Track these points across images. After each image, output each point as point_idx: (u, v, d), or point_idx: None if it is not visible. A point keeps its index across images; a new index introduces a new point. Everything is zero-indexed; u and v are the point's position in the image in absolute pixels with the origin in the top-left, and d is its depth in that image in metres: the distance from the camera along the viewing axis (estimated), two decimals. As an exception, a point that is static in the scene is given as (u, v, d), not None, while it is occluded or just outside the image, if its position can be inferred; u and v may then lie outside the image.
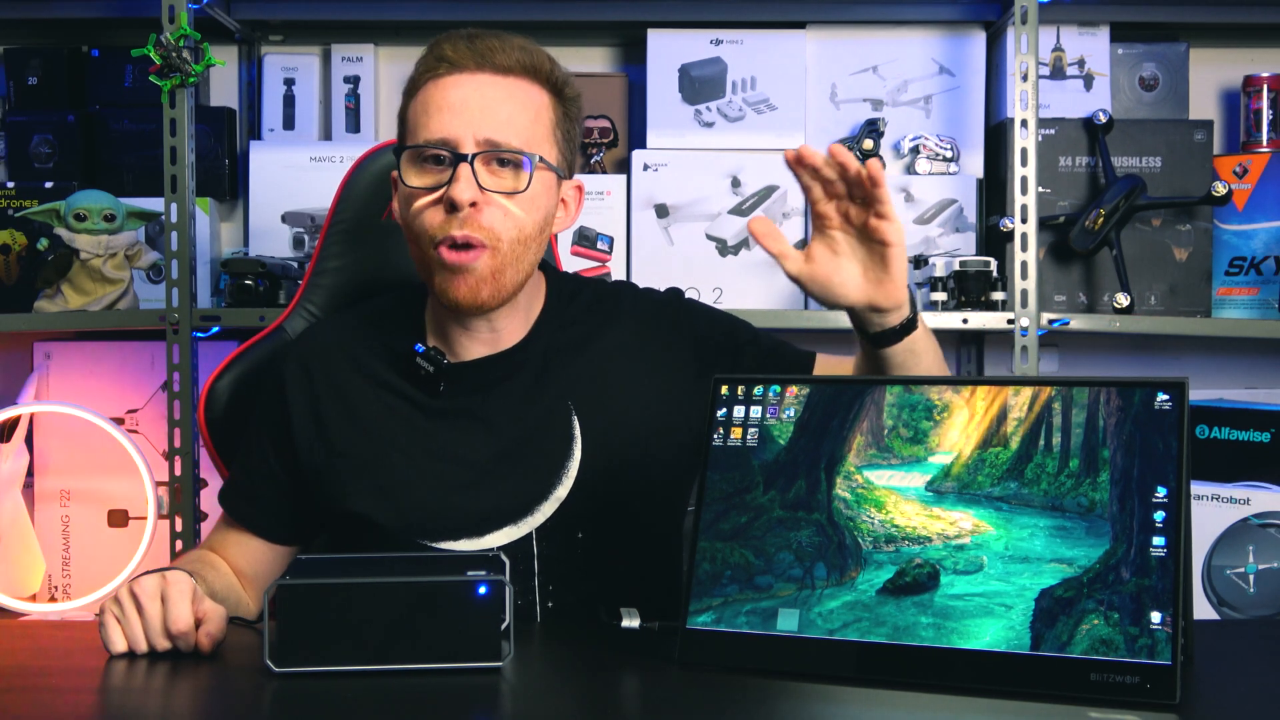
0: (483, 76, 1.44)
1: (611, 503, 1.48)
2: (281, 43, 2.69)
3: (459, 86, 1.43)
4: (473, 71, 1.44)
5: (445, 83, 1.44)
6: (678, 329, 1.56)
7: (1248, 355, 2.70)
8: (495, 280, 1.42)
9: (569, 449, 1.48)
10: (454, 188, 1.39)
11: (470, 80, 1.44)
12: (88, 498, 2.48)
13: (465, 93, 1.43)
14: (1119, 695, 1.03)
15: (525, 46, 1.46)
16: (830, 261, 1.34)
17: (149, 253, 2.38)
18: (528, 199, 1.43)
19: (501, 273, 1.42)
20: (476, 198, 1.40)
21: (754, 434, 1.25)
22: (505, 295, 1.44)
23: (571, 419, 1.49)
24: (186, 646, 1.23)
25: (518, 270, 1.44)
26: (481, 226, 1.40)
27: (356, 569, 1.20)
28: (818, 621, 1.14)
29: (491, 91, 1.43)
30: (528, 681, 1.14)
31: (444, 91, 1.43)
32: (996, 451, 1.16)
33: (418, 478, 1.47)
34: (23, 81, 2.60)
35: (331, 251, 1.75)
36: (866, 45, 2.54)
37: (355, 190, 1.75)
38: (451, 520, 1.46)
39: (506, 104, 1.43)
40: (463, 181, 1.39)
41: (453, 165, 1.40)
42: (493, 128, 1.41)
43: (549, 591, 1.47)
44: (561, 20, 2.58)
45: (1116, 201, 2.37)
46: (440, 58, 1.45)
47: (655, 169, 2.46)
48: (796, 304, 2.48)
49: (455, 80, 1.44)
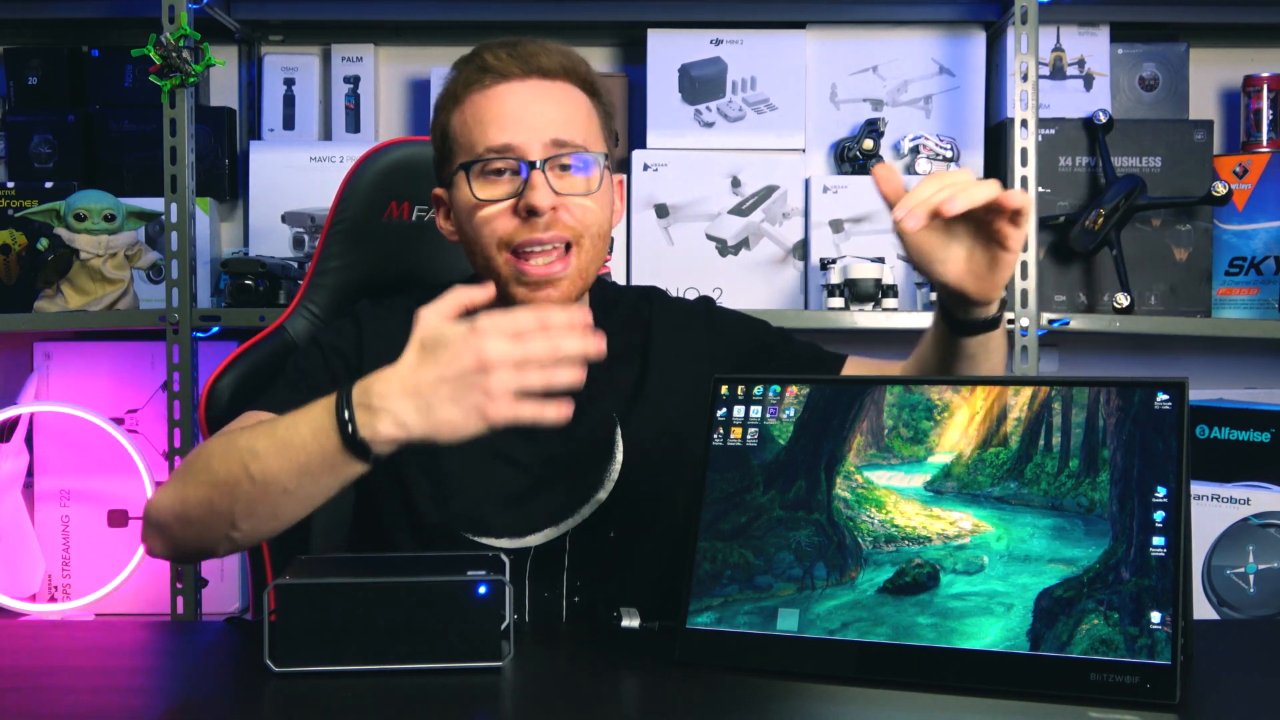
0: (532, 82, 1.43)
1: (646, 505, 1.49)
2: (281, 43, 2.69)
3: (512, 94, 1.43)
4: (521, 78, 1.43)
5: (495, 92, 1.43)
6: (711, 335, 1.58)
7: (1248, 355, 2.70)
8: (581, 278, 1.44)
9: (611, 455, 1.49)
10: (533, 195, 1.39)
11: (521, 87, 1.43)
12: (88, 498, 2.48)
13: (521, 99, 1.42)
14: (1119, 695, 1.03)
15: (562, 50, 1.46)
16: (940, 237, 1.29)
17: (149, 253, 2.38)
18: (599, 196, 1.44)
19: (585, 270, 1.45)
20: (556, 203, 1.41)
21: (754, 434, 1.25)
22: (582, 293, 1.46)
23: (615, 430, 1.50)
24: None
25: (595, 267, 1.46)
26: (568, 225, 1.41)
27: (356, 569, 1.20)
28: (818, 621, 1.14)
29: (545, 95, 1.43)
30: (527, 681, 1.14)
31: (496, 101, 1.43)
32: (996, 451, 1.16)
33: (468, 473, 1.47)
34: (23, 81, 2.60)
35: (332, 251, 1.75)
36: (866, 45, 2.54)
37: (356, 190, 1.75)
38: (498, 520, 1.46)
39: (563, 106, 1.44)
40: (540, 188, 1.39)
41: (522, 173, 1.41)
42: (556, 130, 1.41)
43: (576, 587, 1.47)
44: (561, 20, 2.58)
45: (1116, 201, 2.37)
46: (484, 68, 1.43)
47: (655, 169, 2.46)
48: (797, 304, 2.48)
49: (506, 89, 1.43)
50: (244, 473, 1.24)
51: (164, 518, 1.32)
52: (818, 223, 2.47)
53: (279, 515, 1.27)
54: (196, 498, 1.28)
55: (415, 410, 1.17)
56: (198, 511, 1.28)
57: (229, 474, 1.25)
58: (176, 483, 1.33)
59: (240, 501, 1.25)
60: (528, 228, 1.40)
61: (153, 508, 1.34)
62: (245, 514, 1.26)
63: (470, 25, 2.60)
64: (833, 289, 2.34)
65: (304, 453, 1.21)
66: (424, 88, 2.64)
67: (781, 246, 2.48)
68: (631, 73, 2.61)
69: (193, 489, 1.29)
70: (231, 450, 1.27)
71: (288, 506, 1.25)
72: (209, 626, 1.45)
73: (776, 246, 2.48)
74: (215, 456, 1.28)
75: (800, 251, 2.48)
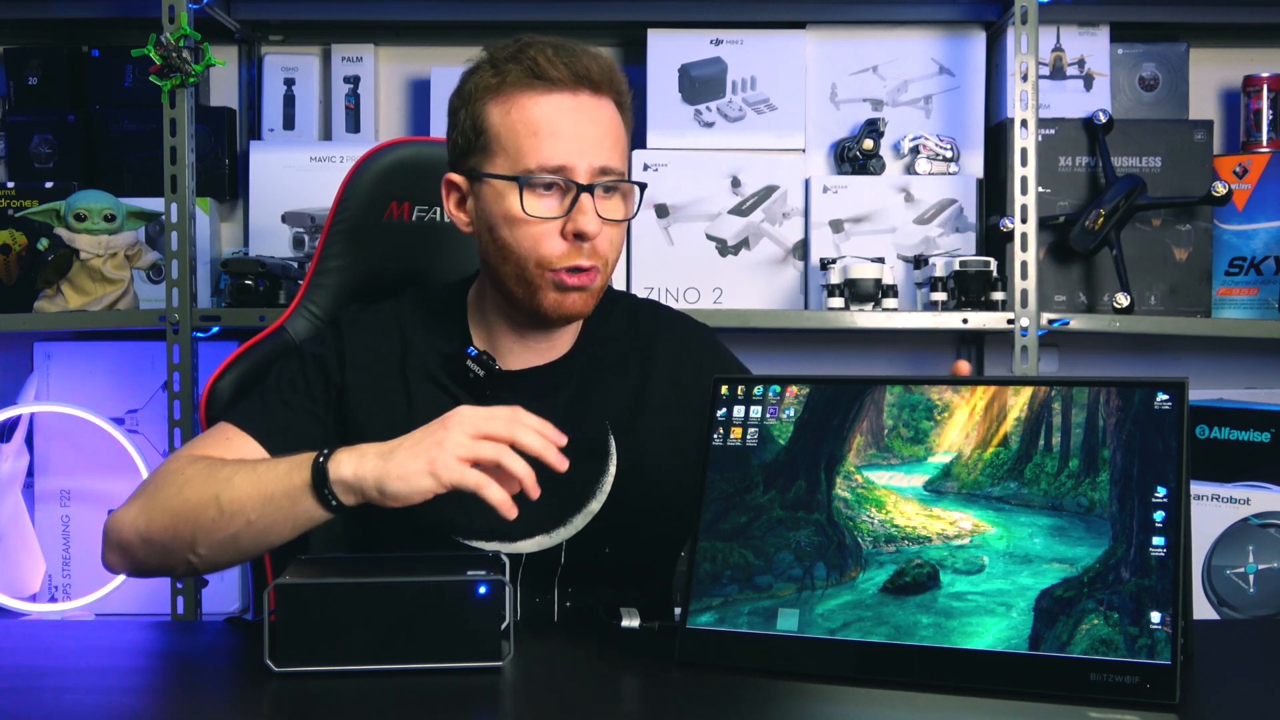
0: (582, 97, 1.44)
1: (640, 520, 1.50)
2: (281, 43, 2.69)
3: (564, 108, 1.43)
4: (572, 91, 1.43)
5: (548, 102, 1.43)
6: (713, 363, 1.60)
7: (1248, 355, 2.70)
8: (598, 295, 1.48)
9: (605, 466, 1.50)
10: (583, 220, 1.41)
11: (572, 102, 1.43)
12: (88, 498, 2.48)
13: (575, 118, 1.43)
14: (1119, 695, 1.03)
15: (599, 57, 1.46)
16: None
17: (149, 253, 2.38)
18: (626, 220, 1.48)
19: (604, 288, 1.49)
20: (601, 229, 1.43)
21: (754, 434, 1.25)
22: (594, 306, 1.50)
23: (609, 438, 1.51)
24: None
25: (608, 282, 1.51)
26: (599, 254, 1.45)
27: (356, 569, 1.20)
28: (818, 621, 1.14)
29: (593, 114, 1.44)
30: (527, 681, 1.14)
31: (550, 113, 1.43)
32: (996, 451, 1.16)
33: None
34: (23, 81, 2.60)
35: (332, 252, 1.75)
36: (866, 45, 2.54)
37: (356, 190, 1.75)
38: (487, 523, 1.46)
39: (610, 129, 1.45)
40: (590, 214, 1.42)
41: (570, 194, 1.42)
42: (604, 154, 1.43)
43: (568, 594, 1.48)
44: (561, 20, 2.58)
45: (1116, 201, 2.37)
46: (537, 73, 1.43)
47: (655, 169, 2.46)
48: (797, 304, 2.48)
49: (559, 101, 1.43)
50: (214, 499, 1.31)
51: (126, 535, 1.38)
52: (818, 223, 2.47)
53: (239, 545, 1.33)
54: (163, 520, 1.35)
55: (377, 454, 1.26)
56: (161, 533, 1.35)
57: (199, 498, 1.32)
58: (143, 500, 1.38)
59: (203, 528, 1.32)
60: (573, 251, 1.43)
61: (116, 524, 1.39)
62: (206, 539, 1.33)
63: (470, 25, 2.60)
64: (833, 289, 2.34)
65: (274, 483, 1.29)
66: (424, 88, 2.64)
67: (781, 246, 2.48)
68: (631, 73, 2.59)
69: (159, 510, 1.35)
70: (209, 477, 1.34)
71: (247, 537, 1.32)
72: (209, 626, 1.45)
73: (776, 246, 2.48)
74: (192, 482, 1.34)
75: (800, 251, 2.48)
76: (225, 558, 1.35)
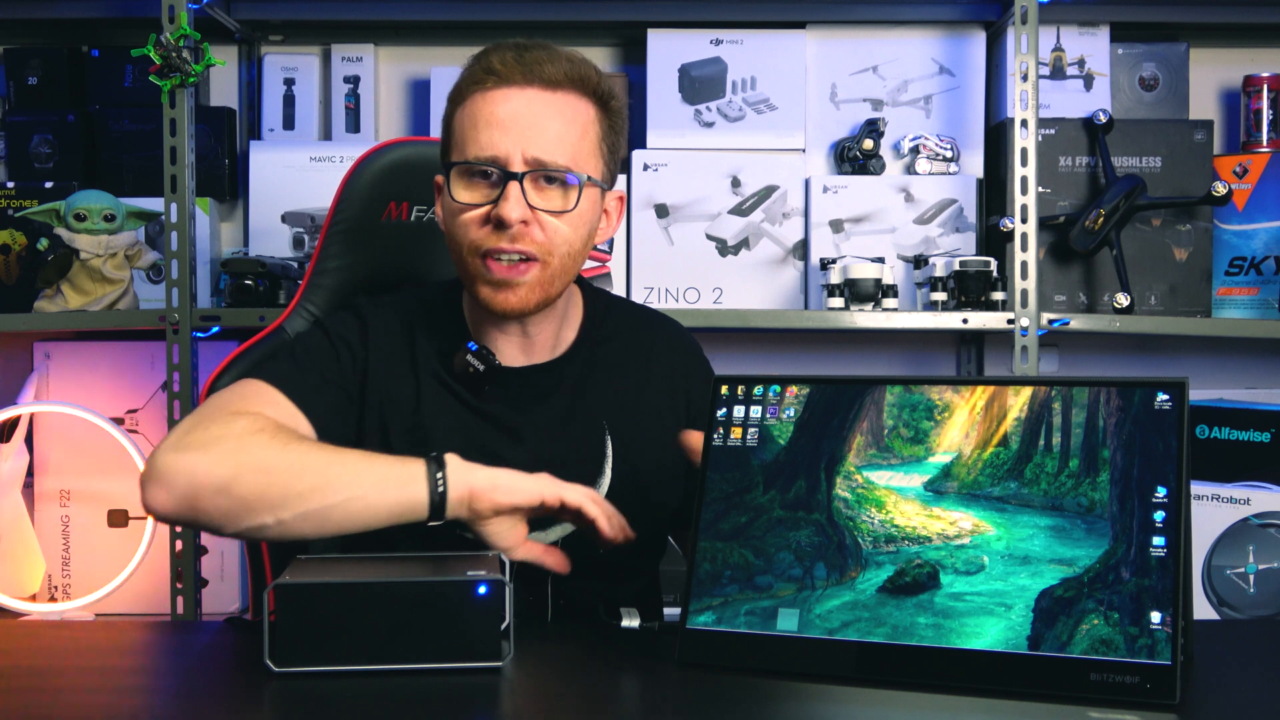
0: (531, 91, 1.43)
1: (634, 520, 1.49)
2: (281, 43, 2.69)
3: (507, 101, 1.43)
4: (521, 86, 1.43)
5: (493, 97, 1.43)
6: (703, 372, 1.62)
7: (1248, 355, 2.70)
8: (544, 289, 1.45)
9: (601, 466, 1.51)
10: (503, 206, 1.41)
11: (519, 95, 1.43)
12: (88, 498, 2.48)
13: (514, 108, 1.43)
14: (1119, 695, 1.03)
15: (572, 58, 1.46)
16: None
17: (149, 253, 2.38)
18: (575, 215, 1.45)
19: (550, 284, 1.46)
20: (526, 216, 1.42)
21: (754, 434, 1.25)
22: (549, 302, 1.48)
23: (605, 439, 1.52)
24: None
25: (564, 281, 1.48)
26: (534, 241, 1.43)
27: (356, 569, 1.20)
28: (817, 621, 1.14)
29: (540, 107, 1.43)
30: (527, 681, 1.14)
31: (492, 106, 1.43)
32: (996, 451, 1.16)
33: None
34: (23, 81, 2.60)
35: (332, 252, 1.75)
36: (866, 45, 2.54)
37: (355, 190, 1.75)
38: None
39: (555, 120, 1.44)
40: (512, 200, 1.41)
41: (501, 183, 1.42)
42: (541, 146, 1.42)
43: (561, 591, 1.48)
44: (561, 20, 2.58)
45: (1116, 201, 2.37)
46: (488, 70, 1.44)
47: (655, 169, 2.46)
48: (797, 304, 2.48)
49: (504, 95, 1.43)
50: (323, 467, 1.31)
51: (199, 479, 1.30)
52: (818, 223, 2.47)
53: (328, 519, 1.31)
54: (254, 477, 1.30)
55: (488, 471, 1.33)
56: (249, 489, 1.29)
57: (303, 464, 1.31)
58: (220, 452, 1.31)
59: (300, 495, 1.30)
60: (495, 236, 1.42)
61: (173, 466, 1.31)
62: (298, 505, 1.30)
63: (470, 25, 2.60)
64: (833, 289, 2.34)
65: (387, 465, 1.33)
66: (424, 88, 2.64)
67: (781, 246, 2.48)
68: (631, 73, 2.61)
69: (251, 466, 1.30)
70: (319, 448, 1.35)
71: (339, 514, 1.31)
72: (209, 626, 1.45)
73: (776, 246, 2.48)
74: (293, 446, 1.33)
75: (800, 251, 2.48)
76: (307, 528, 1.31)
